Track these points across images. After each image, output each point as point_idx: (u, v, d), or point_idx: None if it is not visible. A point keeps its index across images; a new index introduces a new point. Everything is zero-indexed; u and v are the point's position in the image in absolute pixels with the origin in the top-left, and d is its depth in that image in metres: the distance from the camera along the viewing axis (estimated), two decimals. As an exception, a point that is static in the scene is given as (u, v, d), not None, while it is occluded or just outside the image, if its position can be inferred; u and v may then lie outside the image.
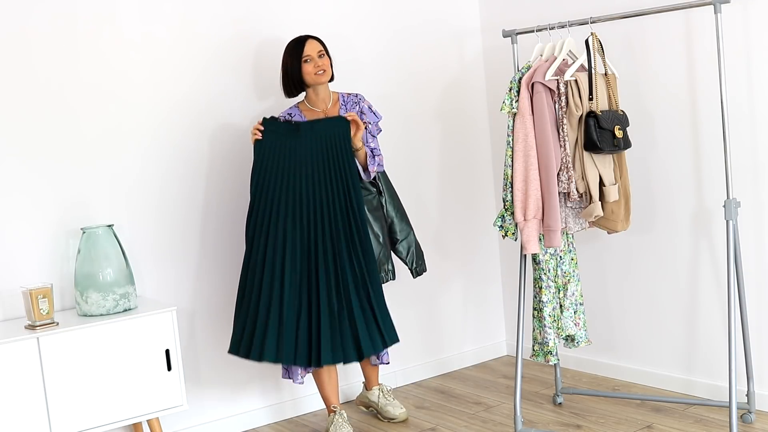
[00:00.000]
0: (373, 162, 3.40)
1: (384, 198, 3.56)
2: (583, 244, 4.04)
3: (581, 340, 3.55)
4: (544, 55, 3.36)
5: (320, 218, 3.29)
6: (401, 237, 3.60)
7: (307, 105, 3.52)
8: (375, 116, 3.52)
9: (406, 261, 3.63)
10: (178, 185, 3.57)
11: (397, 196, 3.64)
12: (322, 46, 3.46)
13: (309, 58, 3.41)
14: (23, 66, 3.21)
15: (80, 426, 2.95)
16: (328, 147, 3.31)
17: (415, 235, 3.66)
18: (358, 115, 3.48)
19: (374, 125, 3.50)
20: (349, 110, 3.50)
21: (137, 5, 3.46)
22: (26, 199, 3.22)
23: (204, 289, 3.66)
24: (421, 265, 3.66)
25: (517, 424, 3.37)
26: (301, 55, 3.41)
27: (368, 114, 3.50)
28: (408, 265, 3.64)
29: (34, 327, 2.92)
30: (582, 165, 3.28)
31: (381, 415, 3.76)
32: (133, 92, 3.46)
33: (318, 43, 3.46)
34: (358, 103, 3.52)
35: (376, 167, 3.41)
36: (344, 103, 3.53)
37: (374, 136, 3.48)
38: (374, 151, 3.43)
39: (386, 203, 3.56)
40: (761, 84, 3.32)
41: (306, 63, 3.41)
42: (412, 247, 3.63)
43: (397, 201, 3.62)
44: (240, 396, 3.76)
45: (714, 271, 3.58)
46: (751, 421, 3.36)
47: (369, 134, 3.46)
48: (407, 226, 3.63)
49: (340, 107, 3.52)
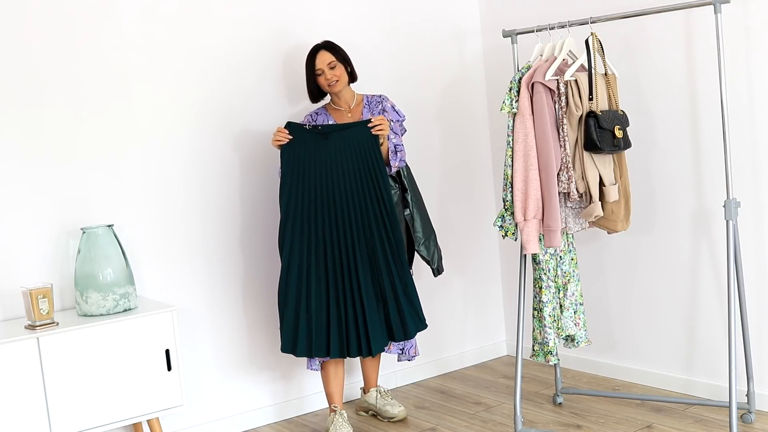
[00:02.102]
0: (395, 157, 3.49)
1: (408, 195, 3.61)
2: (583, 244, 4.04)
3: (581, 340, 3.55)
4: (544, 55, 3.36)
5: (355, 221, 3.37)
6: (424, 237, 3.65)
7: (332, 106, 3.63)
8: (398, 115, 3.62)
9: (429, 260, 3.66)
10: (178, 185, 3.57)
11: (420, 197, 3.69)
12: (333, 56, 3.52)
13: (320, 72, 3.52)
14: (23, 66, 3.21)
15: (80, 426, 2.95)
16: (358, 152, 3.38)
17: (435, 235, 3.69)
18: (381, 114, 3.57)
19: (397, 123, 3.58)
20: (373, 110, 3.59)
21: (137, 4, 3.46)
22: (26, 199, 3.22)
23: (204, 289, 3.66)
24: (441, 265, 3.73)
25: (517, 424, 3.37)
26: (314, 69, 3.53)
27: (390, 112, 3.59)
28: (430, 265, 3.69)
29: (34, 327, 2.92)
30: (582, 165, 3.28)
31: (380, 415, 3.76)
32: (133, 92, 3.46)
33: (329, 53, 3.53)
34: (381, 103, 3.61)
35: (398, 162, 3.50)
36: (368, 103, 3.62)
37: (396, 133, 3.55)
38: (397, 147, 3.51)
39: (411, 201, 3.62)
40: (761, 84, 3.32)
41: (319, 76, 3.53)
42: (434, 248, 3.67)
43: (420, 201, 3.68)
44: (240, 396, 3.76)
45: (714, 271, 3.58)
46: (751, 421, 3.36)
47: (392, 131, 3.54)
48: (430, 226, 3.69)
49: (364, 106, 3.60)
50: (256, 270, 3.79)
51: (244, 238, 3.75)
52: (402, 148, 3.52)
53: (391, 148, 3.49)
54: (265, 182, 3.78)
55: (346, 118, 3.58)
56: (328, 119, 3.57)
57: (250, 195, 3.76)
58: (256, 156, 3.77)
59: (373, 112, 3.58)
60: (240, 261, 3.75)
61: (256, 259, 3.79)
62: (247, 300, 3.77)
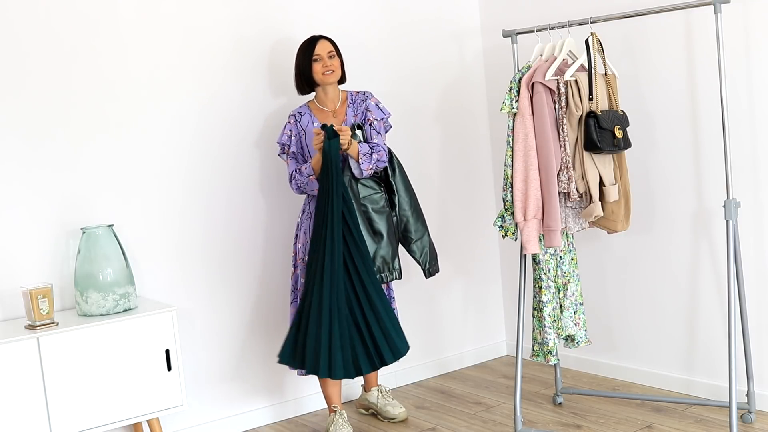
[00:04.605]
0: (369, 159, 3.39)
1: (397, 197, 3.55)
2: (583, 244, 4.04)
3: (581, 340, 3.55)
4: (544, 55, 3.36)
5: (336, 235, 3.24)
6: (415, 237, 3.59)
7: (316, 104, 3.56)
8: (382, 113, 3.54)
9: (419, 261, 3.62)
10: (178, 185, 3.57)
11: (414, 196, 3.60)
12: (333, 48, 3.50)
13: (318, 58, 3.46)
14: (23, 65, 3.21)
15: (80, 426, 2.95)
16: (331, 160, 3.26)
17: (429, 236, 3.65)
18: (363, 113, 3.52)
19: (380, 121, 3.52)
20: (357, 109, 3.53)
21: (137, 4, 3.46)
22: (26, 199, 3.22)
23: (204, 289, 3.65)
24: (434, 266, 3.64)
25: (517, 424, 3.37)
26: (312, 54, 3.46)
27: (374, 111, 3.53)
28: (421, 266, 3.62)
29: (34, 327, 2.92)
30: (582, 165, 3.28)
31: (381, 415, 3.76)
32: (133, 92, 3.46)
33: (330, 44, 3.50)
34: (365, 101, 3.55)
35: (373, 164, 3.39)
36: (352, 102, 3.56)
37: (378, 132, 3.50)
38: (374, 148, 3.42)
39: (400, 202, 3.56)
40: (761, 84, 3.32)
41: (315, 62, 3.46)
42: (426, 248, 3.62)
43: (414, 201, 3.60)
44: (240, 396, 3.76)
45: (714, 271, 3.58)
46: (751, 421, 3.36)
47: (373, 130, 3.49)
48: (422, 226, 3.62)
49: (348, 105, 3.55)
50: (257, 270, 3.79)
51: (244, 238, 3.75)
52: (380, 148, 3.42)
53: (364, 150, 3.37)
54: (265, 182, 3.78)
55: (330, 119, 3.51)
56: (312, 120, 3.50)
57: (250, 195, 3.76)
58: (257, 156, 3.77)
59: (357, 112, 3.53)
60: (240, 261, 3.74)
61: (257, 259, 3.79)
62: (247, 300, 3.77)
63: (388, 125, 3.57)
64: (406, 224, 3.57)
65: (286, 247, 3.81)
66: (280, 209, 3.83)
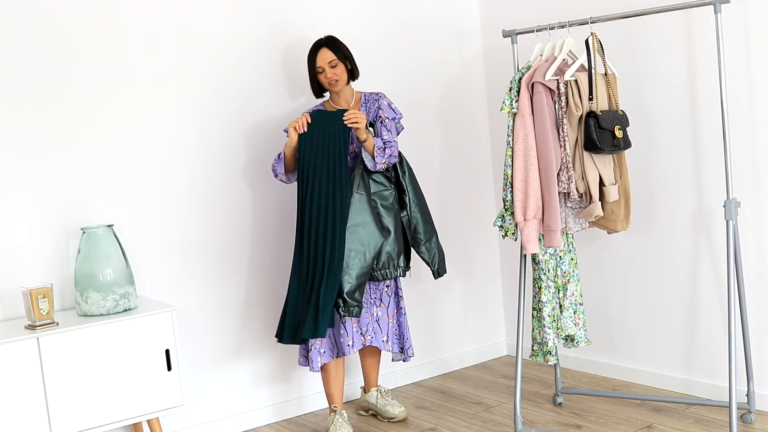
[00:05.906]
0: (382, 154, 3.43)
1: (408, 196, 3.57)
2: (583, 244, 4.04)
3: (581, 340, 3.55)
4: (544, 55, 3.36)
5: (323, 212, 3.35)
6: (425, 239, 3.60)
7: (332, 104, 3.62)
8: (393, 113, 3.58)
9: (429, 262, 3.62)
10: (178, 185, 3.57)
11: (423, 198, 3.62)
12: (335, 54, 3.51)
13: (321, 70, 3.52)
14: (23, 65, 3.21)
15: (80, 426, 2.95)
16: (328, 143, 3.38)
17: (438, 237, 3.66)
18: (375, 111, 3.55)
19: (392, 121, 3.55)
20: (369, 109, 3.58)
21: (137, 4, 3.46)
22: (26, 198, 3.22)
23: (204, 289, 3.65)
24: (443, 267, 3.66)
25: (517, 424, 3.37)
26: (315, 67, 3.52)
27: (386, 110, 3.57)
28: (431, 267, 3.63)
29: (34, 327, 2.92)
30: (582, 165, 3.28)
31: (380, 415, 3.76)
32: (133, 92, 3.46)
33: (330, 51, 3.51)
34: (378, 101, 3.59)
35: (386, 158, 3.44)
36: (365, 102, 3.61)
37: (389, 130, 3.53)
38: (387, 143, 3.46)
39: (411, 203, 3.57)
40: (761, 84, 3.32)
41: (320, 74, 3.53)
42: (435, 250, 3.63)
43: (422, 202, 3.61)
44: (240, 396, 3.76)
45: (714, 271, 3.58)
46: (751, 421, 3.36)
47: (384, 128, 3.51)
48: (431, 228, 3.63)
49: (361, 105, 3.60)
50: (257, 269, 3.79)
51: (244, 238, 3.75)
52: (392, 144, 3.46)
53: (378, 144, 3.44)
54: (265, 182, 3.78)
55: None
56: None
57: (250, 194, 3.76)
58: (257, 155, 3.77)
59: (369, 111, 3.58)
60: (240, 261, 3.75)
61: (257, 259, 3.79)
62: (247, 300, 3.77)
63: (400, 126, 3.60)
64: (416, 225, 3.58)
65: (286, 248, 3.81)
66: (280, 210, 3.83)
